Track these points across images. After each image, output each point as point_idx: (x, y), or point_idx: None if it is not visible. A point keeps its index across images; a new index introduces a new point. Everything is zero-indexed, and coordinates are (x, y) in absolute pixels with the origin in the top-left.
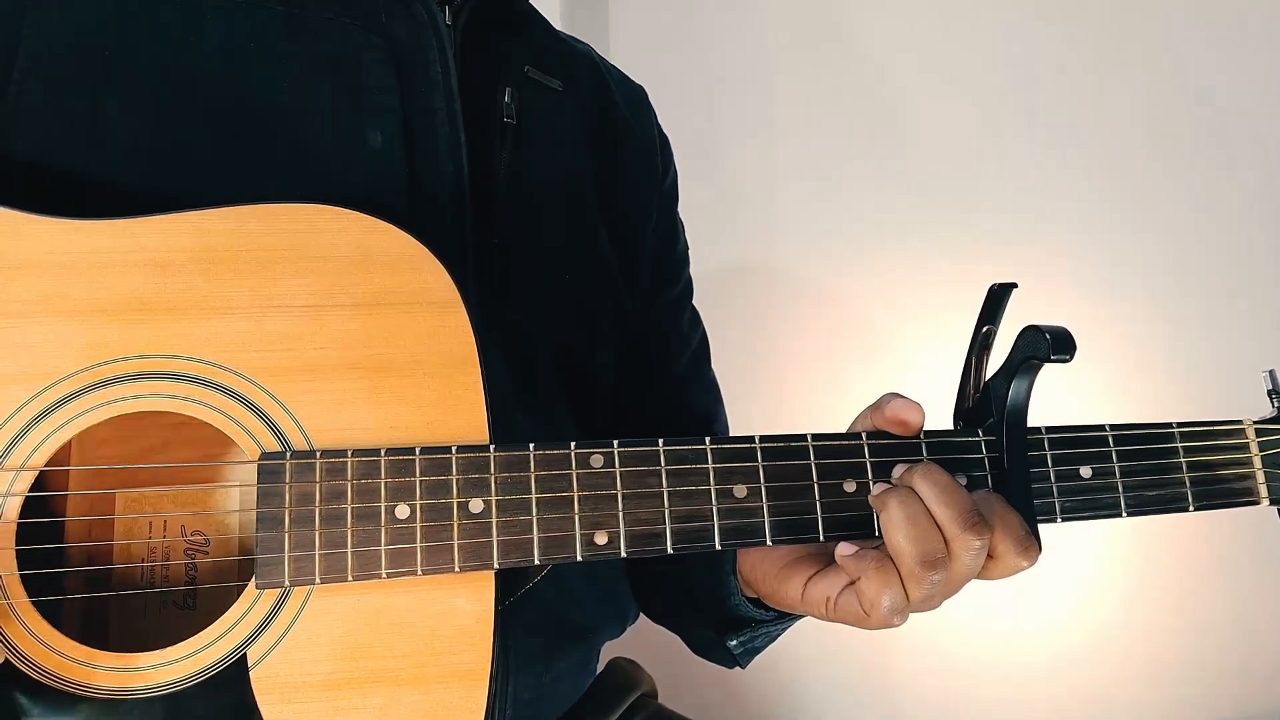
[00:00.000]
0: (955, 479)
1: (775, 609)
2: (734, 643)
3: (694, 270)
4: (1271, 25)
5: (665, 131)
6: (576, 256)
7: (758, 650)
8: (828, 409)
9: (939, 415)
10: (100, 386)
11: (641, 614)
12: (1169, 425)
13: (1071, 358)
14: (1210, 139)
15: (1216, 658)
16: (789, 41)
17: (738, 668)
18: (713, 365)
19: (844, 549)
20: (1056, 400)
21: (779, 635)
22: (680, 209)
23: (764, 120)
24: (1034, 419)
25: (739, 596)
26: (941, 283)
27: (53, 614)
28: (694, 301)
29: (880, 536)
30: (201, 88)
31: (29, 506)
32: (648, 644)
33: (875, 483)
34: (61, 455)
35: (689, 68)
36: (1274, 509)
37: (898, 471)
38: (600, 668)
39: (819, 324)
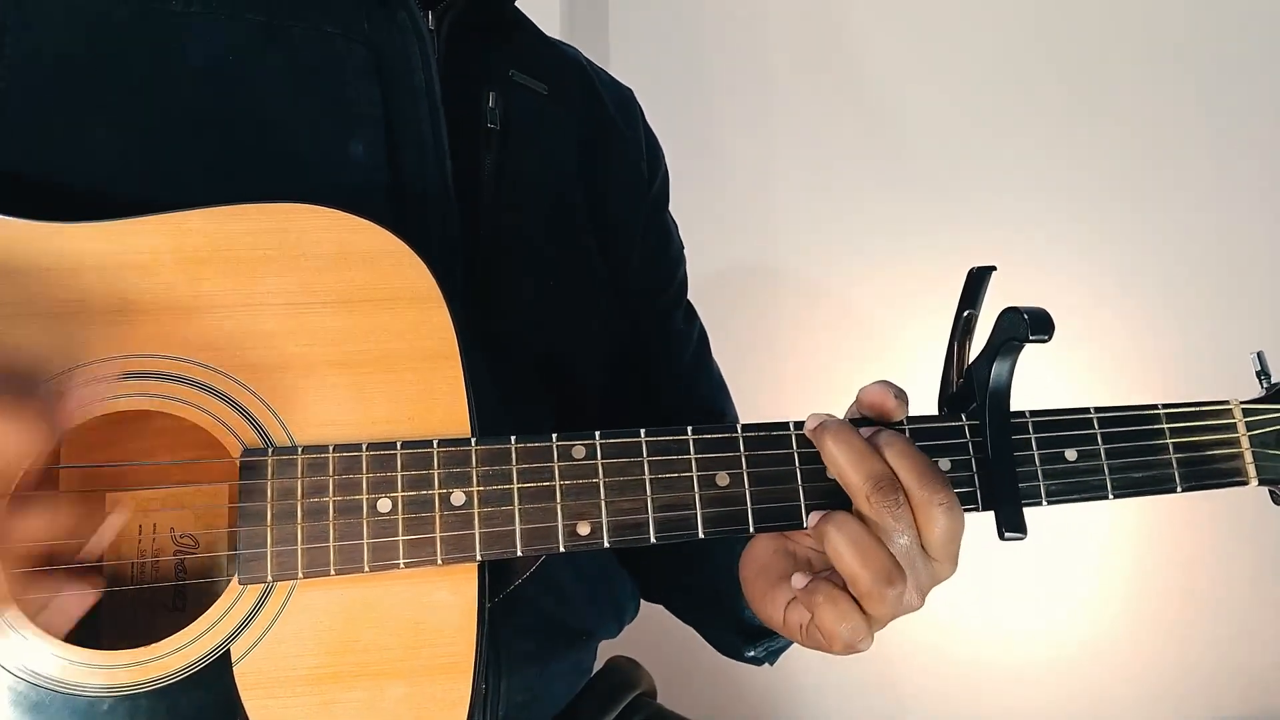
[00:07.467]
0: (864, 441)
1: None
2: (751, 653)
3: (691, 271)
4: (1272, 25)
5: (659, 131)
6: (563, 261)
7: (782, 649)
8: (828, 409)
9: (931, 408)
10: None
11: (639, 613)
12: (1154, 407)
13: (1050, 337)
14: (1206, 129)
15: (1218, 659)
16: (787, 42)
17: (766, 665)
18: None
19: (796, 580)
20: (1046, 385)
21: None
22: (678, 209)
23: (762, 120)
24: (1022, 404)
25: (750, 610)
26: (940, 280)
27: None
28: (692, 301)
29: None
30: (183, 102)
31: None
32: (647, 642)
33: (809, 514)
34: (49, 456)
35: (688, 68)
36: (1264, 489)
37: (810, 424)
38: (599, 665)
39: (818, 324)
